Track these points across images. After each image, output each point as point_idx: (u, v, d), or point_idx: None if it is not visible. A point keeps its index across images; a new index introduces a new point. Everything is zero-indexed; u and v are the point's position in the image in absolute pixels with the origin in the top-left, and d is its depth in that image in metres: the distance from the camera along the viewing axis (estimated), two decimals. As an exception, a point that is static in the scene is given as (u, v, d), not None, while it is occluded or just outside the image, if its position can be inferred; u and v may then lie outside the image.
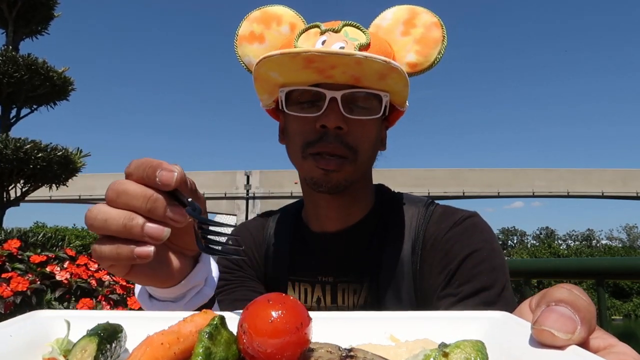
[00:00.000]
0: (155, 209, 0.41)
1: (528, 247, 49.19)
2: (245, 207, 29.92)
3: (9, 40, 3.43)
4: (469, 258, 0.71)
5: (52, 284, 1.99)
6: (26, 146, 2.90)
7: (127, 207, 0.41)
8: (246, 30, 0.83)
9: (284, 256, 0.85)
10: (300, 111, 0.73)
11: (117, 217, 0.41)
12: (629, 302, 37.44)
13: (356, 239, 0.81)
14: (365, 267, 0.78)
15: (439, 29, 0.79)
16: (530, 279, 1.27)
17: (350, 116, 0.71)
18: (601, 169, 31.14)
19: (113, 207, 0.42)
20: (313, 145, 0.73)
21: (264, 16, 0.82)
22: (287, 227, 0.88)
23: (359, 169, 0.75)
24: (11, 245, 2.07)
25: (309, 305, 0.81)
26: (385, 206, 0.83)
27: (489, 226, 0.77)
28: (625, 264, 1.12)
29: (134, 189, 0.41)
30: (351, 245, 0.80)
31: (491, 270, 0.70)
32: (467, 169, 31.40)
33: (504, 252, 31.82)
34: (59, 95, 3.47)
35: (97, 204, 0.43)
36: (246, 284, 0.84)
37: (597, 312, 1.20)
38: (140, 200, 0.40)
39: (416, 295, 0.74)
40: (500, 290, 0.69)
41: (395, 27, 0.80)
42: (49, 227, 29.89)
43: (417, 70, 0.79)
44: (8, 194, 3.09)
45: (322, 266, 0.81)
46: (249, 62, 0.83)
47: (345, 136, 0.72)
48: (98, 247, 0.42)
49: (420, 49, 0.78)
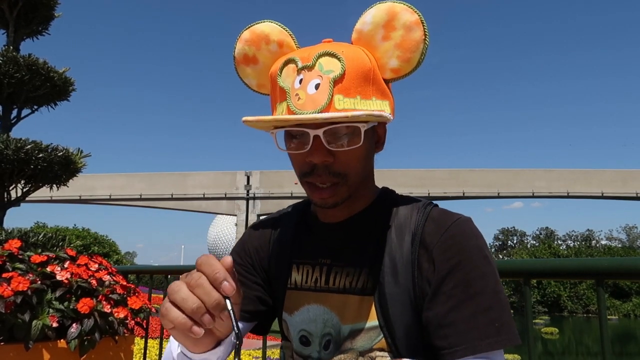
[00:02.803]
0: (215, 308, 0.59)
1: (528, 248, 49.22)
2: (245, 207, 29.90)
3: (9, 41, 3.42)
4: (457, 266, 0.73)
5: (53, 283, 2.00)
6: (27, 147, 2.90)
7: (199, 297, 0.58)
8: (240, 53, 0.87)
9: (290, 242, 0.91)
10: (291, 148, 0.79)
11: (192, 302, 0.58)
12: (629, 302, 37.46)
13: (355, 226, 0.86)
14: (365, 252, 0.82)
15: (420, 28, 0.78)
16: (530, 279, 1.27)
17: (334, 149, 0.76)
18: (601, 169, 31.16)
19: (190, 289, 0.59)
20: (306, 176, 0.80)
21: (253, 37, 0.85)
22: (295, 217, 0.95)
23: (352, 187, 0.81)
24: (12, 245, 2.07)
25: (308, 285, 0.86)
26: (387, 201, 0.87)
27: (473, 233, 0.78)
28: (624, 264, 1.12)
29: (206, 290, 0.59)
30: (350, 232, 0.85)
31: (482, 277, 0.73)
32: (467, 170, 31.42)
33: (504, 252, 31.87)
34: (59, 95, 3.45)
35: (179, 281, 0.61)
36: (247, 284, 0.91)
37: (597, 312, 1.20)
38: (209, 300, 0.58)
39: (413, 282, 0.76)
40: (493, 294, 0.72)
41: (376, 32, 0.79)
42: (50, 227, 29.89)
43: (400, 75, 0.81)
44: (9, 194, 3.09)
45: (322, 250, 0.87)
46: (249, 83, 0.91)
47: (333, 166, 0.77)
48: (168, 311, 0.59)
49: (401, 53, 0.79)
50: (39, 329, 1.82)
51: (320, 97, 0.72)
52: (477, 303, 0.70)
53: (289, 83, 0.76)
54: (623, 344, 22.15)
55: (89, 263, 2.21)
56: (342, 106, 0.73)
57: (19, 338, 1.80)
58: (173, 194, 30.23)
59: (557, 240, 55.69)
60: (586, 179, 29.95)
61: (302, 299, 0.86)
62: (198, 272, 0.60)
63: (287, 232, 0.93)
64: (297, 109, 0.73)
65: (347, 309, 0.81)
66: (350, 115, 0.69)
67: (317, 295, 0.84)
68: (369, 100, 0.76)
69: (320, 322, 0.83)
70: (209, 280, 0.59)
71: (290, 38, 0.84)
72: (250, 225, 1.02)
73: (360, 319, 0.79)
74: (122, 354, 2.12)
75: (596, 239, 57.19)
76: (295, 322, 0.86)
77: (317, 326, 0.83)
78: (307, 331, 0.85)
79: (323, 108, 0.72)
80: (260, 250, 0.95)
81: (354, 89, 0.74)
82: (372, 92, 0.77)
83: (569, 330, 28.77)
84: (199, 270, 0.60)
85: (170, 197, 30.30)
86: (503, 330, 0.69)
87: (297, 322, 0.86)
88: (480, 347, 0.68)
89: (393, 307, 0.76)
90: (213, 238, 47.23)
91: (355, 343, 0.79)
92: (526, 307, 1.26)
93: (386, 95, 0.80)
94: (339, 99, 0.73)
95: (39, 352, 1.84)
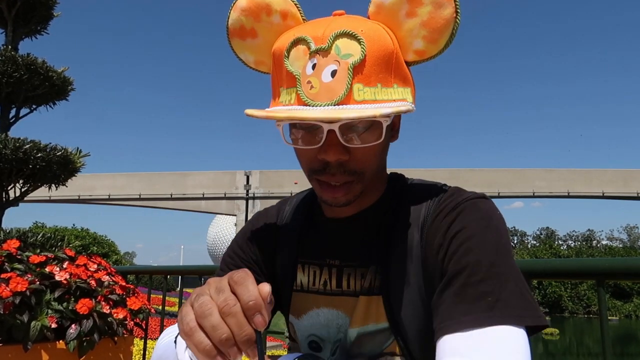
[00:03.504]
0: (244, 344, 0.51)
1: (528, 248, 49.21)
2: (245, 207, 29.92)
3: (8, 40, 3.42)
4: (457, 235, 0.67)
5: (52, 284, 1.99)
6: (25, 146, 2.89)
7: (230, 327, 0.50)
8: (235, 24, 0.75)
9: (295, 239, 0.84)
10: (300, 142, 0.70)
11: (222, 332, 0.50)
12: (630, 303, 37.45)
13: (365, 223, 0.79)
14: (373, 251, 0.76)
15: (451, 4, 0.67)
16: (531, 279, 1.27)
17: (351, 145, 0.67)
18: (601, 169, 31.13)
19: (222, 315, 0.51)
20: (317, 174, 0.71)
21: (251, 5, 0.73)
22: (301, 211, 0.87)
23: (366, 183, 0.73)
24: (10, 245, 2.07)
25: (316, 287, 0.80)
26: (397, 193, 0.80)
27: (489, 206, 0.72)
28: (625, 265, 1.11)
29: (239, 322, 0.50)
30: (359, 230, 0.78)
31: (480, 245, 0.65)
32: (467, 169, 31.38)
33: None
34: (58, 95, 3.44)
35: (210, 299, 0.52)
36: None
37: (597, 312, 1.19)
38: (239, 333, 0.50)
39: (424, 279, 0.70)
40: (489, 266, 0.63)
41: (399, 6, 0.68)
42: (49, 228, 29.88)
43: (424, 57, 0.72)
44: (7, 194, 3.08)
45: (330, 250, 0.80)
46: (245, 59, 0.79)
47: (348, 164, 0.69)
48: (192, 332, 0.51)
49: (427, 33, 0.69)
50: (37, 329, 1.81)
51: (338, 87, 0.63)
52: (468, 274, 0.62)
53: (298, 67, 0.66)
54: (624, 344, 22.14)
55: (87, 263, 2.20)
56: (362, 97, 0.64)
57: (18, 339, 1.79)
58: (172, 193, 30.21)
59: (557, 241, 55.69)
60: (587, 178, 29.92)
61: (310, 302, 0.80)
62: (233, 297, 0.51)
63: (293, 228, 0.86)
64: (310, 99, 0.64)
65: (355, 311, 0.75)
66: (378, 114, 0.61)
67: (328, 298, 0.78)
68: (390, 88, 0.66)
69: (334, 327, 0.77)
70: (241, 306, 0.51)
71: (296, 8, 0.73)
72: (252, 216, 0.95)
73: (369, 321, 0.74)
74: (121, 354, 2.11)
75: (597, 239, 57.22)
76: (303, 327, 0.81)
77: (330, 331, 0.78)
78: (317, 336, 0.80)
79: (341, 99, 0.63)
80: (265, 245, 0.88)
81: (375, 76, 0.65)
82: (394, 79, 0.67)
83: (569, 331, 28.76)
84: (233, 289, 0.52)
85: (169, 197, 30.28)
86: (498, 306, 0.59)
87: (305, 326, 0.81)
88: (464, 324, 0.59)
89: (403, 307, 0.71)
90: (212, 238, 47.22)
91: (364, 347, 0.74)
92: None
93: (408, 82, 0.70)
94: (358, 89, 0.64)
95: (38, 353, 1.83)
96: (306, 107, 0.64)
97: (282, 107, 0.67)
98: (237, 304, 0.51)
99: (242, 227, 0.95)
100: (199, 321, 0.51)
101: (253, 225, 0.91)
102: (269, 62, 0.75)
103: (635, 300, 37.46)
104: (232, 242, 0.91)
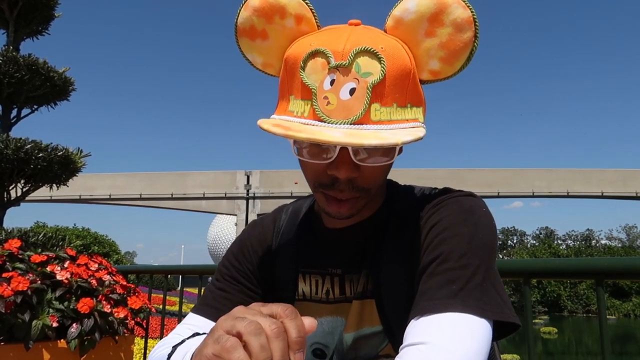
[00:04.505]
0: None
1: (528, 247, 49.18)
2: (245, 207, 29.91)
3: (9, 41, 3.42)
4: (434, 227, 0.68)
5: (53, 283, 2.00)
6: (27, 146, 2.90)
7: (273, 351, 0.46)
8: (246, 23, 0.72)
9: (295, 249, 0.84)
10: (306, 153, 0.69)
11: (267, 354, 0.45)
12: (628, 302, 37.45)
13: (364, 233, 0.79)
14: (369, 258, 0.77)
15: (471, 29, 0.66)
16: (530, 279, 1.28)
17: (362, 164, 0.67)
18: (601, 169, 31.16)
19: (268, 340, 0.46)
20: (325, 188, 0.70)
21: (265, 6, 0.70)
22: (299, 220, 0.87)
23: (371, 198, 0.74)
24: (12, 245, 2.07)
25: (319, 296, 0.80)
26: (395, 201, 0.81)
27: (474, 203, 0.71)
28: (624, 264, 1.12)
29: (284, 347, 0.46)
30: (359, 239, 0.79)
31: (453, 236, 0.65)
32: (467, 169, 31.41)
33: (504, 252, 31.65)
34: (59, 95, 3.45)
35: (260, 325, 0.47)
36: (245, 292, 0.84)
37: (596, 312, 1.20)
38: (282, 359, 0.46)
39: (415, 280, 0.70)
40: (458, 257, 0.63)
41: (419, 24, 0.67)
42: (50, 227, 29.85)
43: (438, 78, 0.72)
44: (9, 194, 3.09)
45: (331, 259, 0.80)
46: (253, 60, 0.78)
47: (357, 181, 0.69)
48: (237, 350, 0.45)
49: (445, 55, 0.68)
50: (39, 329, 1.82)
51: (356, 105, 0.62)
52: (438, 263, 0.64)
53: (315, 80, 0.64)
54: (623, 343, 22.14)
55: (88, 263, 2.20)
56: (378, 117, 0.63)
57: (19, 338, 1.80)
58: (173, 193, 30.21)
59: (557, 240, 55.67)
60: (586, 178, 29.94)
61: (313, 311, 0.79)
62: (282, 325, 0.48)
63: (292, 237, 0.85)
64: (325, 114, 0.63)
65: (349, 315, 0.76)
66: (400, 142, 0.60)
67: (331, 307, 0.79)
68: (404, 108, 0.66)
69: (338, 334, 0.78)
70: (288, 338, 0.48)
71: (312, 13, 0.71)
72: (248, 225, 0.94)
73: (363, 325, 0.74)
74: (122, 354, 2.12)
75: (596, 238, 57.17)
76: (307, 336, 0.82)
77: (335, 338, 0.78)
78: (322, 344, 0.80)
79: (357, 119, 0.62)
80: (262, 255, 0.86)
81: (391, 96, 0.65)
82: (409, 98, 0.67)
83: (568, 330, 28.78)
84: (280, 316, 0.49)
85: (170, 196, 30.28)
86: (460, 295, 0.59)
87: (309, 335, 0.81)
88: (425, 309, 0.60)
89: (396, 310, 0.72)
90: (213, 238, 47.23)
91: (360, 351, 0.75)
92: (526, 307, 1.26)
93: (420, 101, 0.70)
94: (375, 109, 0.63)
95: (39, 352, 1.84)
96: (321, 123, 0.63)
97: (294, 119, 0.66)
98: (285, 337, 0.47)
99: (241, 228, 0.95)
100: (245, 338, 0.47)
101: (249, 234, 0.90)
102: (277, 66, 0.74)
103: (634, 299, 37.46)
104: (227, 251, 0.90)
